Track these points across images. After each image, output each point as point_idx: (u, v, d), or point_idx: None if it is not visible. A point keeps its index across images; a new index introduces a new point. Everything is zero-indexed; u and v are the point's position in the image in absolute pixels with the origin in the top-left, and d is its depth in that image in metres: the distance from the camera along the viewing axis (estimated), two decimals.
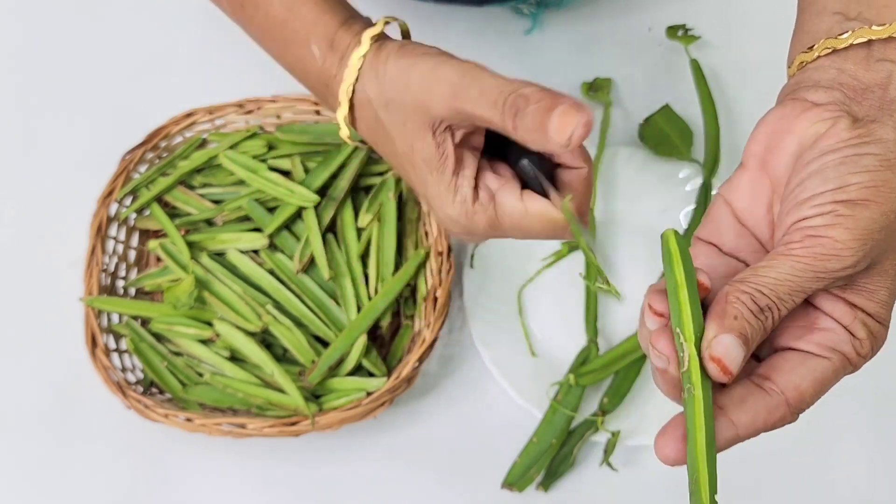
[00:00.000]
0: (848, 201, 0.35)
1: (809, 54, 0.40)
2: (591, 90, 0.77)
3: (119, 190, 0.70)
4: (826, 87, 0.38)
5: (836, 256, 0.35)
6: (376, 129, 0.45)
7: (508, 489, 0.65)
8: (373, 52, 0.44)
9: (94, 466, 0.68)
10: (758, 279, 0.35)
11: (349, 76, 0.44)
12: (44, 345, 0.71)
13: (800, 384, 0.37)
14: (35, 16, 0.83)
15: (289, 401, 0.65)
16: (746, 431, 0.36)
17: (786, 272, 0.35)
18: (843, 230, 0.35)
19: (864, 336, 0.37)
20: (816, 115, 0.38)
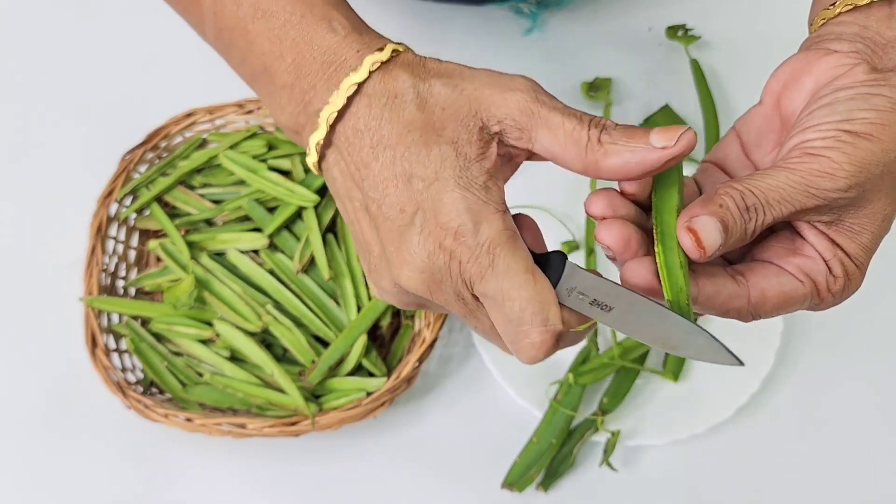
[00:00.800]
0: (852, 132, 0.36)
1: (831, 11, 0.41)
2: (591, 90, 0.77)
3: (119, 190, 0.70)
4: (848, 39, 0.39)
5: (830, 175, 0.36)
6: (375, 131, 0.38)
7: (508, 489, 0.65)
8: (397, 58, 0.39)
9: (94, 466, 0.68)
10: (751, 181, 0.36)
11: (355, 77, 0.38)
12: (44, 345, 0.71)
13: (766, 290, 0.38)
14: (35, 16, 0.83)
15: (289, 401, 0.65)
16: (704, 301, 0.37)
17: (779, 181, 0.36)
18: (842, 154, 0.36)
19: (840, 274, 0.38)
20: (837, 59, 0.39)
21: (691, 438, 0.66)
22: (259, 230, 0.70)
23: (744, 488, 0.67)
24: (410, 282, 0.37)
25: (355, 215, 0.39)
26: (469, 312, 0.38)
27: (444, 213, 0.36)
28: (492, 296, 0.36)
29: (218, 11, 0.41)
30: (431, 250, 0.36)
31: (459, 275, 0.36)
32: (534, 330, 0.36)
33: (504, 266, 0.36)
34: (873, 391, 0.69)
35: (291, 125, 0.40)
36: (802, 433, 0.68)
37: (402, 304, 0.40)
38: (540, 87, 0.38)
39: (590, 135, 0.37)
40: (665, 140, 0.36)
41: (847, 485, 0.67)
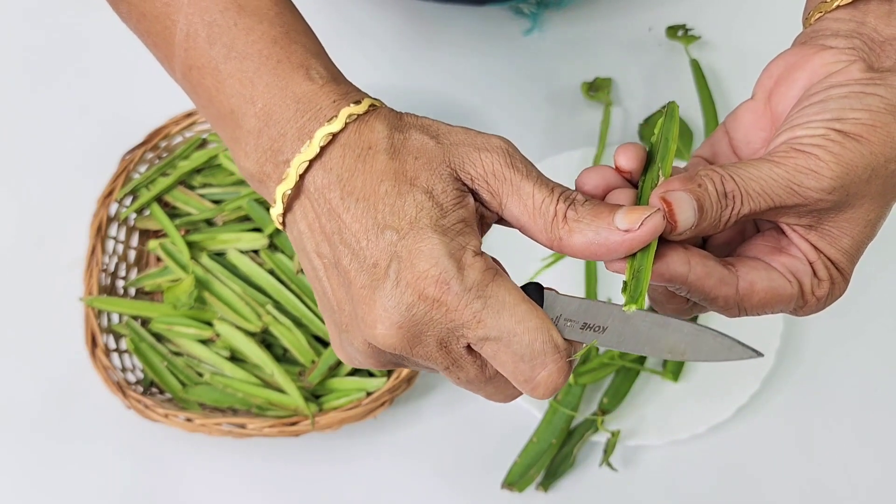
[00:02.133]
0: (841, 131, 0.35)
1: (828, 4, 0.39)
2: (591, 90, 0.76)
3: (119, 190, 0.70)
4: (845, 35, 0.38)
5: (814, 173, 0.34)
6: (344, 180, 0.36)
7: (508, 489, 0.65)
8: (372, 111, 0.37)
9: (94, 466, 0.68)
10: (734, 168, 0.35)
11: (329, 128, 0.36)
12: (44, 345, 0.71)
13: (755, 282, 0.36)
14: (35, 16, 0.83)
15: (289, 401, 0.65)
16: (695, 280, 0.35)
17: (763, 172, 0.35)
18: (828, 153, 0.35)
19: (825, 277, 0.37)
20: (832, 55, 0.37)
21: (691, 438, 0.66)
22: (259, 230, 0.69)
23: (744, 488, 0.67)
24: (387, 339, 0.34)
25: (324, 272, 0.37)
26: (453, 363, 0.36)
27: (423, 262, 0.34)
28: (495, 337, 0.34)
29: (189, 49, 0.39)
30: (411, 302, 0.34)
31: (447, 323, 0.34)
32: (549, 359, 0.34)
33: (500, 304, 0.34)
34: (873, 391, 0.69)
35: (256, 173, 0.37)
36: (802, 433, 0.68)
37: (376, 365, 0.38)
38: (516, 151, 0.37)
39: (557, 209, 0.35)
40: (629, 222, 0.34)
41: (847, 485, 0.67)
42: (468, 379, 0.37)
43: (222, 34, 0.38)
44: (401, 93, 0.77)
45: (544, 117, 0.77)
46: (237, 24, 0.38)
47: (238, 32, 0.38)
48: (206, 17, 0.38)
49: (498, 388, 0.38)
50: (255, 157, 0.37)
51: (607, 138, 0.74)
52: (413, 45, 0.80)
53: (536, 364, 0.34)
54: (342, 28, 0.80)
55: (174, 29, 0.39)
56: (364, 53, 0.79)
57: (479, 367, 0.36)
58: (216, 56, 0.38)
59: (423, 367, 0.37)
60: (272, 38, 0.38)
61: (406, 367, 0.38)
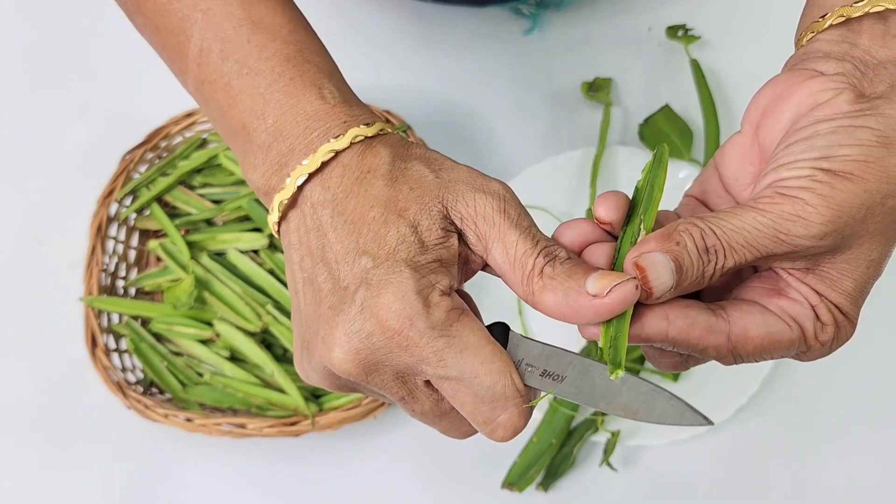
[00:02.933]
0: (830, 171, 0.32)
1: (821, 23, 0.37)
2: (591, 90, 0.76)
3: (119, 190, 0.70)
4: (837, 58, 0.36)
5: (802, 220, 0.32)
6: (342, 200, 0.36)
7: (508, 489, 0.65)
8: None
9: (94, 466, 0.68)
10: (716, 220, 0.33)
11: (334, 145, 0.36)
12: (44, 345, 0.71)
13: (749, 328, 0.34)
14: (34, 16, 0.83)
15: (289, 401, 0.65)
16: (677, 335, 0.34)
17: (746, 222, 0.33)
18: (817, 196, 0.32)
19: (829, 322, 0.35)
20: (820, 84, 0.35)
21: (691, 438, 0.66)
22: (259, 230, 0.69)
23: (744, 488, 0.67)
24: (343, 364, 0.34)
25: (301, 286, 0.37)
26: (408, 393, 0.35)
27: (390, 294, 0.33)
28: (455, 377, 0.33)
29: (202, 63, 0.39)
30: (371, 331, 0.33)
31: (406, 358, 0.33)
32: (510, 402, 0.34)
33: (463, 344, 0.33)
34: (872, 391, 0.69)
35: (263, 186, 0.38)
36: (802, 433, 0.68)
37: (330, 387, 0.37)
38: (512, 199, 0.36)
39: (535, 262, 0.34)
40: (598, 288, 0.33)
41: (847, 485, 0.67)
42: (422, 411, 0.36)
43: (235, 50, 0.38)
44: (402, 93, 0.77)
45: (544, 117, 0.77)
46: (250, 41, 0.38)
47: (251, 49, 0.38)
48: (220, 32, 0.38)
49: (453, 424, 0.37)
50: (263, 170, 0.37)
51: (607, 138, 0.74)
52: (414, 46, 0.80)
53: (497, 406, 0.34)
54: (343, 29, 0.80)
55: (188, 43, 0.40)
56: (365, 54, 0.79)
57: (435, 401, 0.36)
58: (229, 71, 0.38)
59: (378, 395, 0.37)
60: (285, 55, 0.38)
61: (360, 392, 0.38)
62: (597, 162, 0.72)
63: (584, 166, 0.73)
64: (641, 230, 0.35)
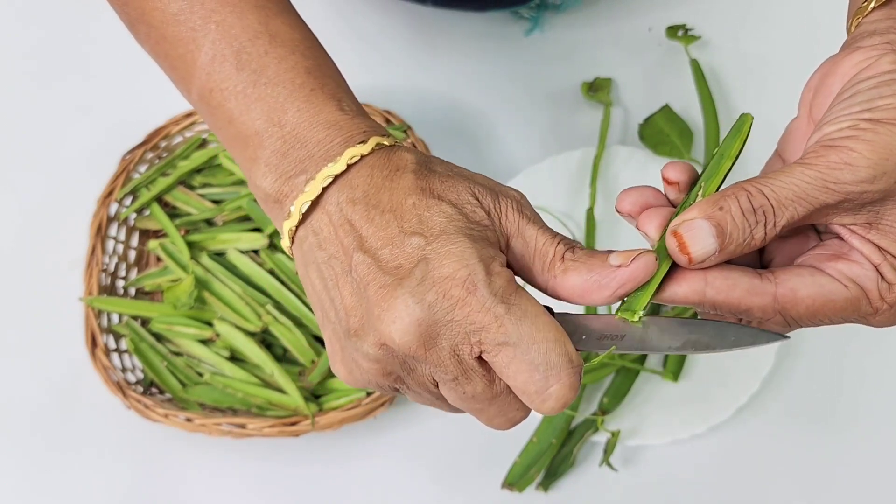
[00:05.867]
0: (872, 119, 0.33)
1: (864, 7, 0.38)
2: (591, 90, 0.77)
3: (119, 190, 0.70)
4: (881, 33, 0.37)
5: (849, 166, 0.33)
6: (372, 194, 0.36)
7: (508, 489, 0.65)
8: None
9: (94, 466, 0.68)
10: (763, 180, 0.34)
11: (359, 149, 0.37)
12: (44, 345, 0.71)
13: (798, 289, 0.34)
14: (35, 16, 0.83)
15: (289, 401, 0.65)
16: (715, 295, 0.34)
17: (794, 178, 0.33)
18: (861, 142, 0.33)
19: (895, 280, 0.34)
20: (863, 53, 0.36)
21: (691, 438, 0.66)
22: (259, 230, 0.70)
23: (744, 488, 0.67)
24: (404, 336, 0.34)
25: (334, 282, 0.36)
26: (462, 373, 0.35)
27: (453, 263, 0.34)
28: (514, 342, 0.34)
29: (213, 72, 0.39)
30: (433, 300, 0.34)
31: (466, 325, 0.34)
32: (563, 372, 0.34)
33: (522, 311, 0.34)
34: (873, 390, 0.69)
35: (274, 193, 0.38)
36: (802, 433, 0.68)
37: (378, 375, 0.37)
38: (527, 202, 0.38)
39: (556, 250, 0.36)
40: (622, 259, 0.35)
41: (847, 484, 0.67)
42: (474, 393, 0.36)
43: (251, 61, 0.39)
44: (402, 94, 0.77)
45: (545, 117, 0.77)
46: (268, 53, 0.39)
47: (269, 60, 0.39)
48: (235, 43, 0.39)
49: (502, 409, 0.37)
50: (275, 177, 0.38)
51: (607, 138, 0.74)
52: (414, 48, 0.80)
53: (551, 375, 0.34)
54: (346, 33, 0.80)
55: (197, 53, 0.40)
56: (366, 56, 0.79)
57: (488, 381, 0.36)
58: (244, 81, 0.39)
59: (426, 382, 0.37)
60: (305, 68, 0.39)
61: (405, 387, 0.38)
62: (597, 162, 0.72)
63: (584, 166, 0.73)
64: (699, 196, 0.35)
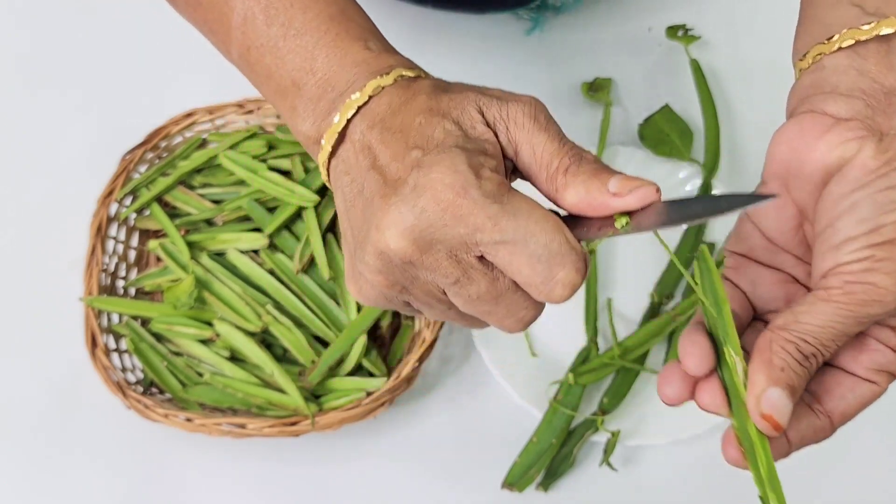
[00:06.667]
0: (884, 243, 0.34)
1: (828, 45, 0.38)
2: (591, 90, 0.77)
3: (119, 190, 0.70)
4: (846, 94, 0.37)
5: (878, 302, 0.34)
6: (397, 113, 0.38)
7: (508, 489, 0.65)
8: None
9: (94, 466, 0.68)
10: (801, 326, 0.35)
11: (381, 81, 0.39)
12: (44, 345, 0.71)
13: (846, 410, 0.37)
14: (35, 16, 0.83)
15: (289, 401, 0.65)
16: (795, 448, 0.38)
17: (828, 319, 0.35)
18: (883, 275, 0.34)
19: None
20: (839, 135, 0.36)
21: (691, 438, 0.66)
22: (259, 230, 0.69)
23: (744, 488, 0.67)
24: (399, 241, 0.35)
25: (352, 202, 0.38)
26: (463, 273, 0.36)
27: (442, 170, 0.35)
28: (511, 238, 0.34)
29: (247, 31, 0.41)
30: (425, 206, 0.34)
31: (460, 228, 0.35)
32: (566, 258, 0.35)
33: (515, 208, 0.35)
34: None
35: (314, 134, 0.40)
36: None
37: (384, 286, 0.38)
38: (543, 108, 0.38)
39: (561, 162, 0.36)
40: (620, 187, 0.35)
41: (847, 484, 0.67)
42: (478, 294, 0.37)
43: (279, 14, 0.41)
44: None
45: None
46: (293, 5, 0.41)
47: (295, 12, 0.41)
48: (263, 1, 0.41)
49: (510, 309, 0.37)
50: (313, 119, 0.40)
51: (607, 138, 0.74)
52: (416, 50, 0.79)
53: (554, 264, 0.35)
54: None
55: (231, 14, 0.42)
56: None
57: (491, 280, 0.36)
58: (275, 35, 0.41)
59: (432, 290, 0.38)
60: (329, 15, 0.41)
61: (413, 298, 0.39)
62: None
63: None
64: (735, 359, 0.36)
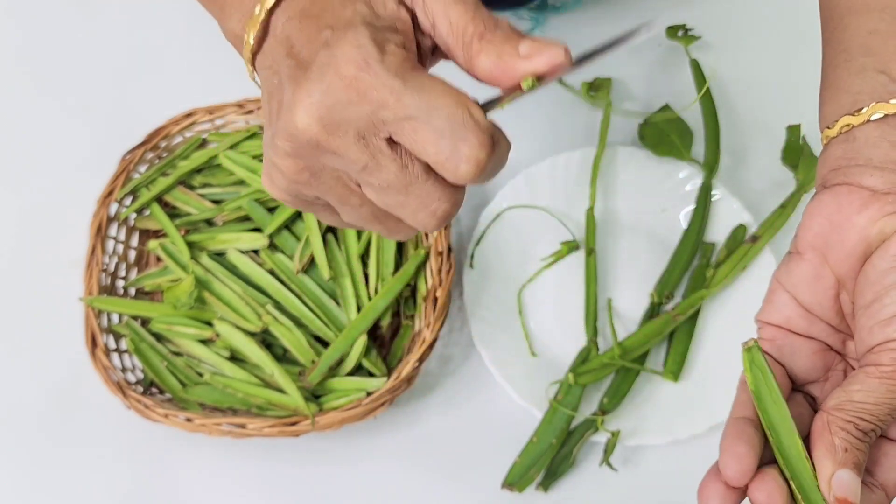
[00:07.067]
0: None
1: (857, 117, 0.39)
2: (591, 90, 0.76)
3: (119, 190, 0.70)
4: (880, 166, 0.38)
5: None
6: None
7: (508, 489, 0.65)
8: None
9: (94, 466, 0.68)
10: (856, 406, 0.36)
11: None
12: (44, 345, 0.71)
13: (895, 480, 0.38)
14: (35, 16, 0.83)
15: (289, 401, 0.65)
16: None
17: (883, 396, 0.36)
18: None
19: None
20: (878, 210, 0.37)
21: (691, 438, 0.66)
22: (259, 230, 0.70)
23: None
24: (305, 120, 0.35)
25: (270, 94, 0.38)
26: (371, 158, 0.35)
27: (346, 46, 0.34)
28: (413, 113, 0.34)
29: None
30: (330, 83, 0.34)
31: (365, 105, 0.34)
32: (470, 133, 0.34)
33: (419, 84, 0.34)
34: None
35: (238, 31, 0.39)
36: None
37: (293, 171, 0.38)
38: None
39: (476, 28, 0.36)
40: (530, 50, 0.35)
41: None
42: (388, 182, 0.36)
43: None
44: None
45: (544, 117, 0.77)
46: None
47: None
48: None
49: (422, 200, 0.37)
50: (239, 15, 0.39)
51: (607, 138, 0.74)
52: None
53: (458, 139, 0.34)
54: None
55: None
56: None
57: (400, 166, 0.36)
58: None
59: (343, 179, 0.38)
60: None
61: (325, 188, 0.38)
62: (597, 162, 0.72)
63: (584, 166, 0.73)
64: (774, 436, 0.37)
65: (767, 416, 0.38)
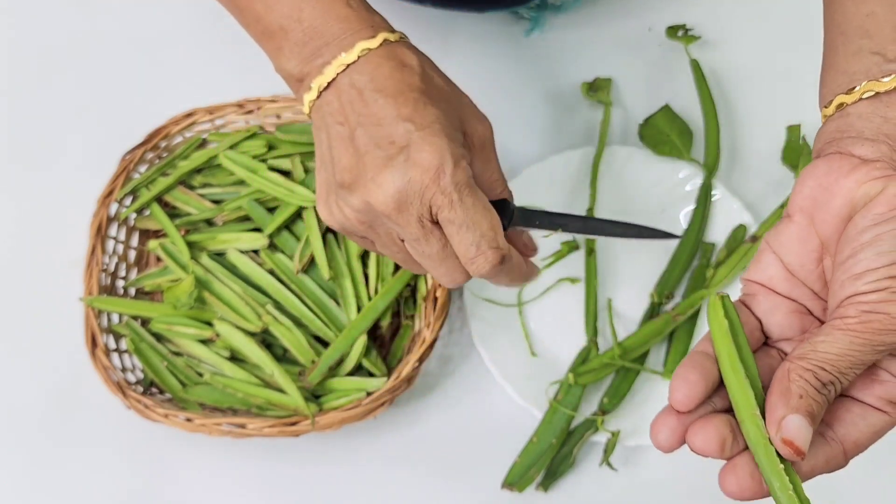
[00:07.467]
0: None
1: (850, 96, 0.40)
2: (591, 90, 0.77)
3: (119, 190, 0.70)
4: (871, 138, 0.38)
5: (893, 331, 0.35)
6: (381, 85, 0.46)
7: (508, 489, 0.65)
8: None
9: (94, 466, 0.68)
10: (818, 355, 0.36)
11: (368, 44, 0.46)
12: (44, 345, 0.71)
13: (860, 440, 0.38)
14: (35, 15, 0.83)
15: (289, 401, 0.65)
16: (806, 476, 0.38)
17: (845, 347, 0.36)
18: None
19: None
20: (866, 174, 0.37)
21: None
22: (259, 230, 0.70)
23: None
24: (387, 200, 0.45)
25: (338, 143, 0.46)
26: (423, 234, 0.46)
27: (429, 152, 0.44)
28: (459, 222, 0.45)
29: None
30: (411, 178, 0.44)
31: (429, 201, 0.44)
32: (488, 251, 0.46)
33: (470, 202, 0.45)
34: None
35: (297, 73, 0.47)
36: None
37: (353, 221, 0.48)
38: (493, 135, 0.50)
39: (501, 194, 0.51)
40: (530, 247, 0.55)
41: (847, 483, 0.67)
42: (430, 253, 0.47)
43: None
44: None
45: (544, 117, 0.77)
46: None
47: None
48: None
49: (450, 270, 0.48)
50: (297, 60, 0.47)
51: (607, 138, 0.74)
52: None
53: (480, 251, 0.46)
54: None
55: None
56: None
57: (442, 245, 0.47)
58: None
59: (394, 237, 0.48)
60: None
61: (375, 235, 0.49)
62: (597, 162, 0.72)
63: (584, 166, 0.73)
64: (743, 382, 0.37)
65: (720, 349, 0.38)
